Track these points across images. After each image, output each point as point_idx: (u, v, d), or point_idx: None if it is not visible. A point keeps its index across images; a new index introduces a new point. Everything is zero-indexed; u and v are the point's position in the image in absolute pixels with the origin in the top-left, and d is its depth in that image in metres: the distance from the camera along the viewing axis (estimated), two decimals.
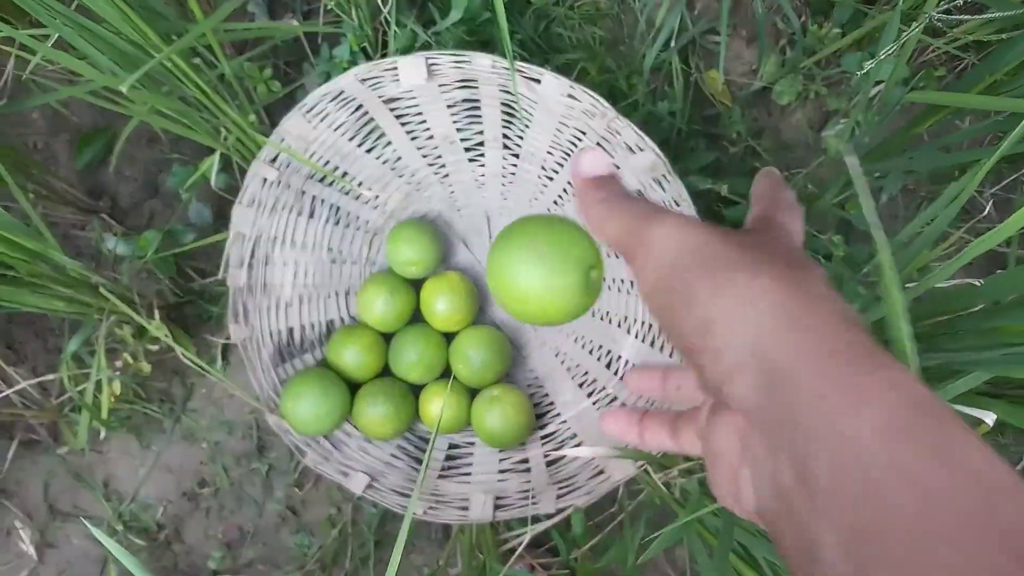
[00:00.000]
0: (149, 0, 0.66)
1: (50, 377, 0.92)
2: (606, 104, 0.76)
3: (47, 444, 0.97)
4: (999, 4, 0.65)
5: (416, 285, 0.91)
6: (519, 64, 0.77)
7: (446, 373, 0.91)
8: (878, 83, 0.87)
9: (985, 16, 0.65)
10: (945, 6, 0.64)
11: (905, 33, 0.69)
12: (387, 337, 0.91)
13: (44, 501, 0.96)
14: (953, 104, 0.65)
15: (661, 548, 0.67)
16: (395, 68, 0.80)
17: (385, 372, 0.90)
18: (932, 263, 0.95)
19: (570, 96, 0.78)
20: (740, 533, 0.67)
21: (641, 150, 0.78)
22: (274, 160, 0.84)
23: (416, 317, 0.91)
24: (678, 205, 0.78)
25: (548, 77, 0.77)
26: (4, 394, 0.92)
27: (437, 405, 0.86)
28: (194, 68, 0.67)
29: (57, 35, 0.69)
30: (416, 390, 0.89)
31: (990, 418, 0.54)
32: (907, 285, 0.57)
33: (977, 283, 0.56)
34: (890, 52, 0.68)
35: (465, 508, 0.84)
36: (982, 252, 0.44)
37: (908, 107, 0.98)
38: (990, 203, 0.94)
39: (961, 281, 0.60)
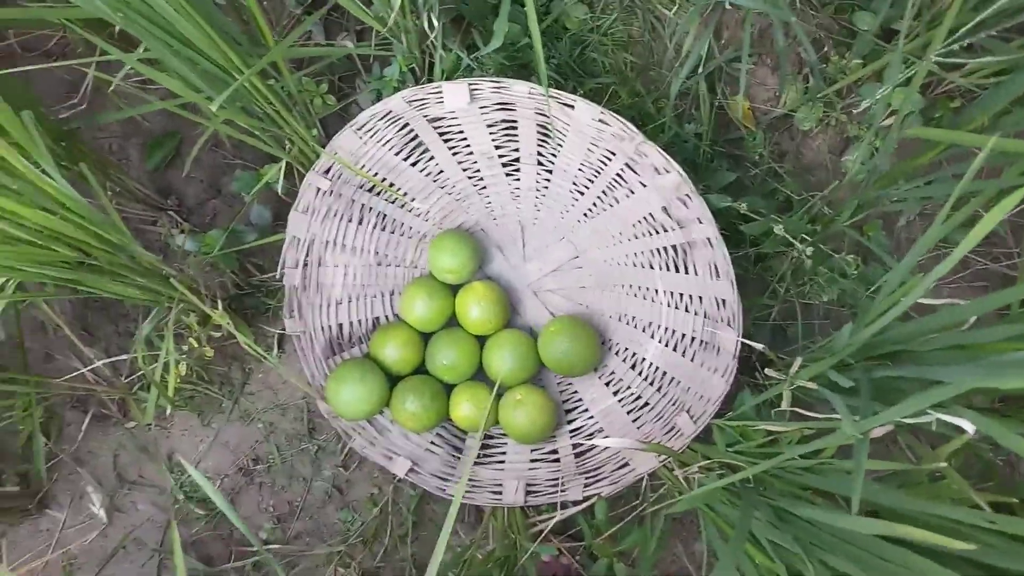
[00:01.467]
0: (226, 26, 0.75)
1: (122, 357, 1.02)
2: (634, 129, 0.83)
3: (117, 419, 1.07)
4: (997, 49, 0.70)
5: (455, 289, 0.99)
6: (553, 91, 0.84)
7: (478, 373, 0.98)
8: (893, 113, 0.93)
9: (982, 60, 0.71)
10: (946, 48, 0.69)
11: (910, 69, 0.75)
12: (426, 336, 0.99)
13: (113, 470, 1.06)
14: (941, 140, 0.70)
15: (673, 513, 0.72)
16: (440, 92, 0.88)
17: (423, 367, 0.98)
18: (940, 285, 1.01)
19: (601, 121, 0.85)
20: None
21: (667, 171, 0.84)
22: (327, 171, 0.93)
23: (455, 319, 0.99)
24: (701, 222, 0.85)
25: (580, 103, 0.84)
26: (80, 372, 1.02)
27: (467, 406, 0.94)
28: (268, 87, 0.76)
29: (144, 51, 0.78)
30: (449, 388, 0.97)
31: (970, 428, 0.60)
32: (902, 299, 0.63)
33: (962, 303, 0.62)
34: (896, 86, 0.73)
35: (499, 493, 0.91)
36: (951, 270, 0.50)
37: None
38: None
39: (949, 301, 0.65)
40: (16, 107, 0.67)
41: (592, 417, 0.98)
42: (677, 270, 0.92)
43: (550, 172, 0.97)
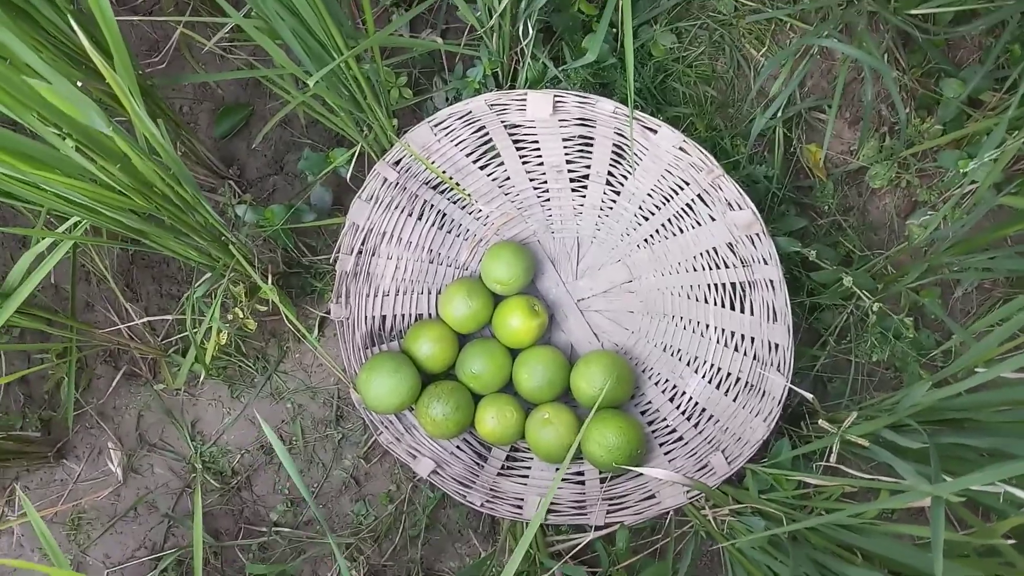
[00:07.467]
0: (334, 9, 0.75)
1: (166, 317, 1.02)
2: (714, 161, 0.83)
3: (146, 379, 1.06)
4: None
5: (497, 296, 0.99)
6: (639, 113, 0.84)
7: (508, 387, 0.98)
8: (971, 182, 0.92)
9: None
10: None
11: (1008, 141, 0.74)
12: (462, 337, 0.98)
13: (135, 430, 1.05)
14: None
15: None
16: (524, 99, 0.88)
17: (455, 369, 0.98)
18: (999, 356, 0.99)
19: (682, 149, 0.84)
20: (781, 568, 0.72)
21: (741, 208, 0.84)
22: (397, 163, 0.93)
23: (490, 328, 0.99)
24: (766, 263, 0.84)
25: (664, 128, 0.84)
26: (119, 327, 1.02)
27: (492, 421, 0.93)
28: (360, 71, 0.76)
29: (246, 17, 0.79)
30: (477, 399, 0.96)
31: None
32: (976, 370, 0.62)
33: None
34: (991, 157, 0.73)
35: (519, 507, 0.90)
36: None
37: (995, 210, 1.02)
38: None
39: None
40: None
41: None
42: (732, 308, 0.91)
43: (617, 193, 0.97)
